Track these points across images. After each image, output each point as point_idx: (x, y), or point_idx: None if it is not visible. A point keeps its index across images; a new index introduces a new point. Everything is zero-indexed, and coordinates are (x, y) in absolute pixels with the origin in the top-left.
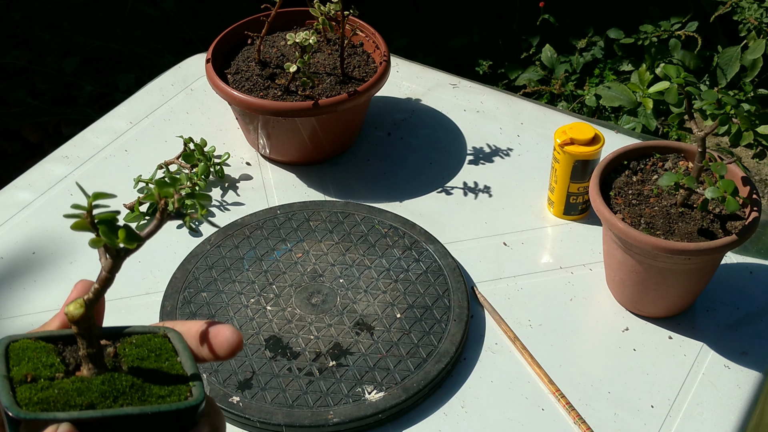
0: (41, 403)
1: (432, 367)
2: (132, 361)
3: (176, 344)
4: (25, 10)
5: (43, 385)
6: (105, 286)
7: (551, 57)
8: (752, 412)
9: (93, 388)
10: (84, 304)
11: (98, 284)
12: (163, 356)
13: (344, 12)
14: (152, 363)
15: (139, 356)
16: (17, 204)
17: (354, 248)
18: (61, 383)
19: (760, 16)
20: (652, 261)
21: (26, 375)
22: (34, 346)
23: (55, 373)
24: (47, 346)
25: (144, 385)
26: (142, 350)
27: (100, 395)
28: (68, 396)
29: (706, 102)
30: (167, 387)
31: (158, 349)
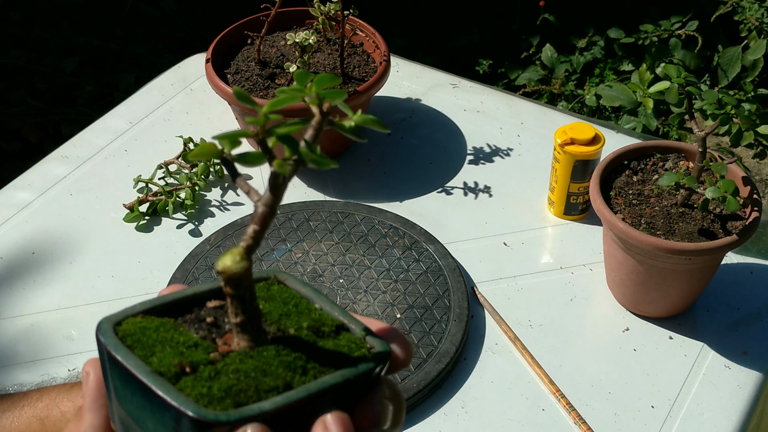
0: (228, 396)
1: (432, 368)
2: (279, 319)
3: (301, 290)
4: (25, 10)
5: (210, 373)
6: (266, 224)
7: (551, 56)
8: (753, 412)
9: (273, 362)
10: (245, 254)
11: (257, 224)
12: (302, 306)
13: (344, 12)
14: (301, 317)
15: (281, 311)
16: (17, 204)
17: (354, 248)
18: (230, 365)
19: (761, 16)
20: (652, 261)
21: (179, 365)
22: (151, 324)
23: (209, 354)
24: (166, 321)
25: (316, 346)
26: (276, 304)
27: (286, 370)
28: (254, 380)
29: (706, 102)
30: (340, 342)
31: (289, 299)
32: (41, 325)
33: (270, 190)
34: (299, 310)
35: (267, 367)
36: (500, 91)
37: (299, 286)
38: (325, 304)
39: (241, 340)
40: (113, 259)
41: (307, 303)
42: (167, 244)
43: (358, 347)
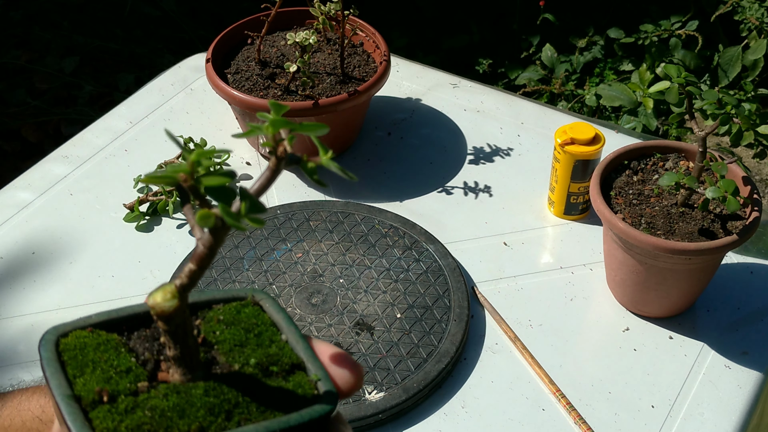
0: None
1: (432, 367)
2: (230, 351)
3: (273, 315)
4: (25, 10)
5: (126, 406)
6: (204, 265)
7: (551, 56)
8: (753, 412)
9: (196, 402)
10: (177, 293)
11: (194, 263)
12: (264, 336)
13: (344, 12)
14: (256, 350)
15: (237, 341)
16: (17, 204)
17: (354, 248)
18: (150, 400)
19: (761, 16)
20: (652, 261)
21: (99, 392)
22: (94, 341)
23: (136, 383)
24: (111, 338)
25: (257, 388)
26: (237, 331)
27: (207, 413)
28: (167, 421)
29: (706, 102)
30: (284, 385)
31: (255, 326)
32: (41, 325)
33: (210, 232)
34: (259, 341)
35: (188, 407)
36: (500, 91)
37: (273, 311)
38: (291, 336)
39: (175, 372)
40: (113, 259)
41: (272, 333)
42: (167, 244)
43: (302, 390)
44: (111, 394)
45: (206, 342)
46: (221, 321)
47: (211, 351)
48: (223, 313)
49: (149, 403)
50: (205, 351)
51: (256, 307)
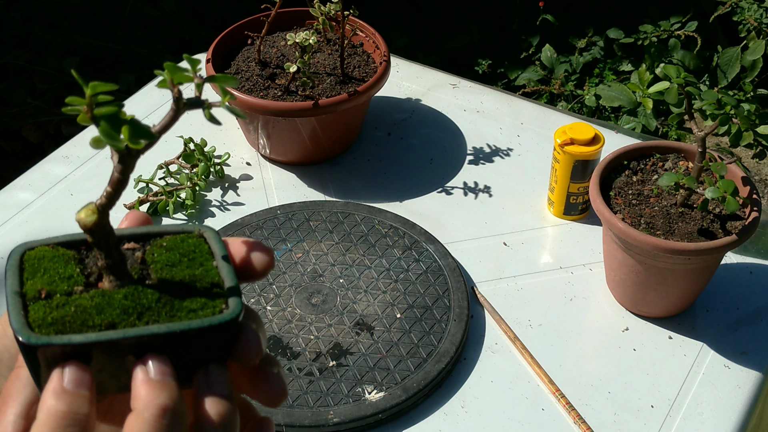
0: (55, 324)
1: (432, 367)
2: (161, 269)
3: (213, 245)
4: (25, 10)
5: (58, 302)
6: (118, 188)
7: (551, 57)
8: (752, 412)
9: (114, 303)
10: (96, 209)
11: (110, 186)
12: (197, 260)
13: (344, 12)
14: (184, 270)
15: (170, 261)
16: (17, 204)
17: (354, 248)
18: (79, 299)
19: (759, 16)
20: (652, 261)
21: (40, 290)
22: (51, 254)
23: (74, 287)
24: (67, 253)
25: (173, 297)
26: (173, 254)
27: (122, 312)
28: (86, 315)
29: (706, 102)
30: (199, 299)
31: (192, 252)
32: None
33: (120, 158)
34: (189, 264)
35: (106, 306)
36: (500, 91)
37: (213, 242)
38: (221, 262)
39: (107, 281)
40: None
41: (205, 259)
42: None
43: (212, 306)
44: (48, 293)
45: (144, 261)
46: (163, 246)
47: (147, 269)
48: (167, 241)
49: (77, 301)
50: (141, 269)
51: (201, 239)
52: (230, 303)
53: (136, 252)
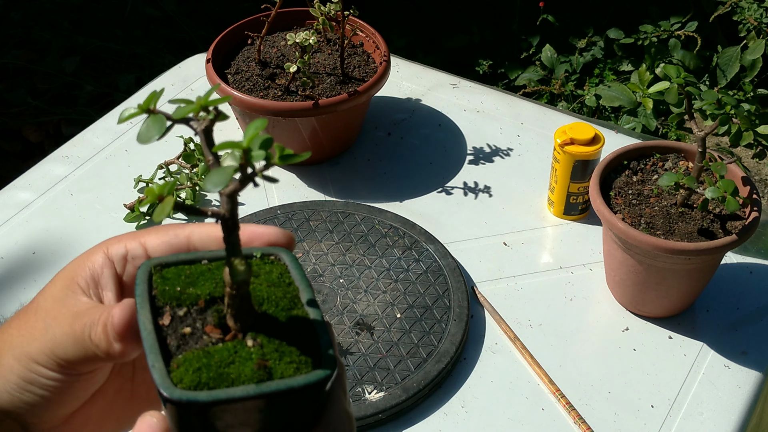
0: (196, 382)
1: (432, 367)
2: (272, 308)
3: (293, 271)
4: (25, 10)
5: (197, 355)
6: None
7: (551, 57)
8: (752, 411)
9: (244, 355)
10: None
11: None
12: (290, 296)
13: (344, 12)
14: (285, 309)
15: (275, 299)
16: (17, 204)
17: (354, 248)
18: (216, 350)
19: (759, 16)
20: (652, 261)
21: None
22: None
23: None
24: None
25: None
26: (274, 290)
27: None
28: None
29: (706, 102)
30: (297, 351)
31: (283, 285)
32: None
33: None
34: (289, 303)
35: (239, 359)
36: (500, 92)
37: (294, 269)
38: (305, 296)
39: (230, 322)
40: None
41: (294, 294)
42: None
43: (307, 361)
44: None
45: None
46: (258, 278)
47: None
48: (261, 270)
49: (215, 355)
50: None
51: (280, 263)
52: (322, 360)
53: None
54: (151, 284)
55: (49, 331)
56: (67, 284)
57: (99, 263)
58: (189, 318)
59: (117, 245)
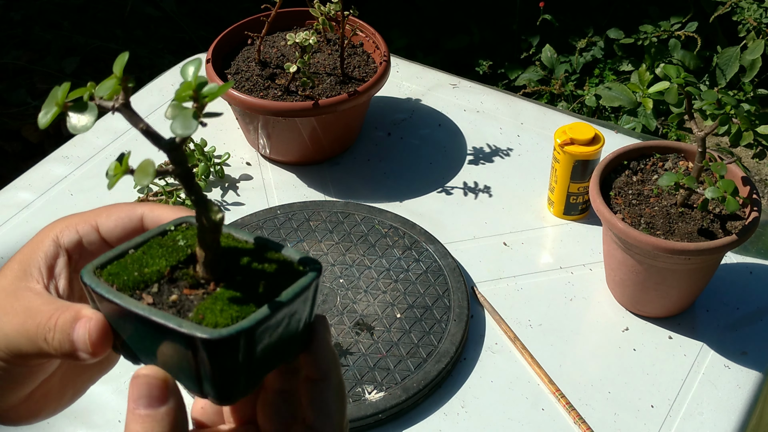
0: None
1: (432, 367)
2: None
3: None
4: (25, 10)
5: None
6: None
7: (551, 57)
8: (752, 412)
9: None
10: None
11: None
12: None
13: (344, 12)
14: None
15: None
16: (17, 204)
17: (354, 248)
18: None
19: (759, 16)
20: (652, 261)
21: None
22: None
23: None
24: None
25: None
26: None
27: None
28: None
29: (706, 102)
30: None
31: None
32: None
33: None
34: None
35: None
36: (500, 92)
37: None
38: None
39: (200, 270)
40: None
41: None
42: None
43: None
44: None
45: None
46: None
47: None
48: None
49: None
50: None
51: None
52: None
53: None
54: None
55: (1, 326)
56: (19, 275)
57: (51, 252)
58: (166, 290)
59: (69, 231)
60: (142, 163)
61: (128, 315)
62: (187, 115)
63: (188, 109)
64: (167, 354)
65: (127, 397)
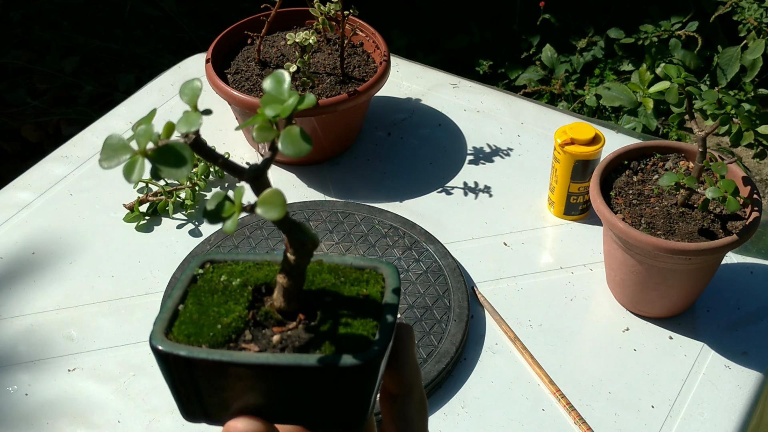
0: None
1: (432, 368)
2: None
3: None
4: (25, 10)
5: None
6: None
7: (551, 57)
8: (753, 412)
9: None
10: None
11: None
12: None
13: (344, 12)
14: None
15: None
16: (17, 204)
17: (354, 248)
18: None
19: (759, 16)
20: (652, 261)
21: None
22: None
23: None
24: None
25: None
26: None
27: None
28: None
29: (706, 102)
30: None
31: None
32: (41, 325)
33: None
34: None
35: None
36: (500, 92)
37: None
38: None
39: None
40: (113, 259)
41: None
42: (167, 244)
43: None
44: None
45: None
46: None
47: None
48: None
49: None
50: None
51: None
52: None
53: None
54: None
55: None
56: None
57: None
58: (260, 334)
59: None
60: (268, 194)
61: (233, 371)
62: (295, 134)
63: (294, 127)
64: (282, 396)
65: (127, 398)
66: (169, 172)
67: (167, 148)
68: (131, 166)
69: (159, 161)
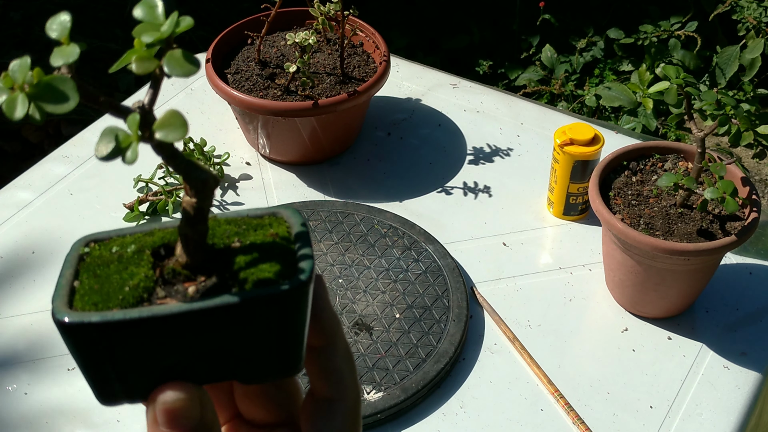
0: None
1: (431, 368)
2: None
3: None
4: (25, 10)
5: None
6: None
7: (551, 57)
8: (751, 412)
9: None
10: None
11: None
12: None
13: (344, 12)
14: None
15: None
16: (17, 204)
17: (353, 248)
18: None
19: (759, 15)
20: (651, 261)
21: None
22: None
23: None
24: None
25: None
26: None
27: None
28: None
29: (705, 102)
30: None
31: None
32: (41, 324)
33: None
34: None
35: None
36: (500, 92)
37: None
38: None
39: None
40: None
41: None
42: None
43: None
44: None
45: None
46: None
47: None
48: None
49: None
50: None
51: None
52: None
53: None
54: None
55: None
56: None
57: None
58: (174, 291)
59: None
60: (166, 116)
61: (155, 329)
62: (178, 56)
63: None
64: (211, 349)
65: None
66: (54, 108)
67: (47, 84)
68: (11, 103)
69: (40, 98)
